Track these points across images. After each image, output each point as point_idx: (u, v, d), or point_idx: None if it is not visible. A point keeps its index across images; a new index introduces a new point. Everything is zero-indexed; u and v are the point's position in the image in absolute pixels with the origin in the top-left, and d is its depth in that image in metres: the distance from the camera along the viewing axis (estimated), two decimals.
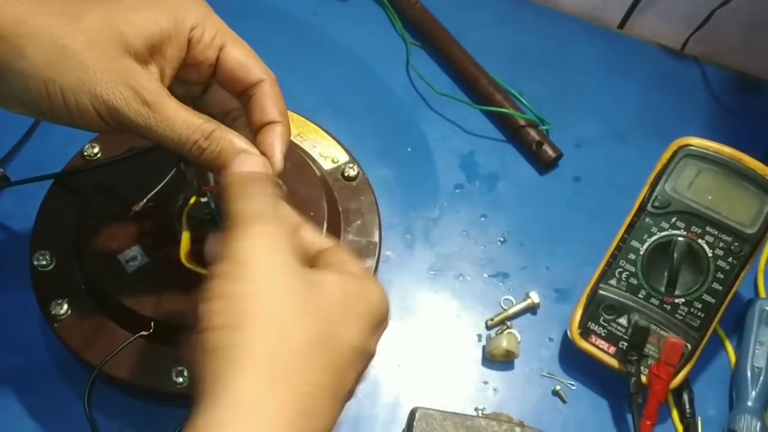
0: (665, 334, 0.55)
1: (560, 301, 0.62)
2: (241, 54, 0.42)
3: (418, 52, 0.75)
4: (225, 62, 0.41)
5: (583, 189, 0.68)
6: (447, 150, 0.69)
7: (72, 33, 0.36)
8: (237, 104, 0.44)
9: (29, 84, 0.36)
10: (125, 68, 0.37)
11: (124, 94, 0.37)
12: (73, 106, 0.37)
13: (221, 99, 0.44)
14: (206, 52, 0.41)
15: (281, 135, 0.42)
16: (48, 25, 0.36)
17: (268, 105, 0.42)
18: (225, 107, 0.44)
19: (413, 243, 0.64)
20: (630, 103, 0.74)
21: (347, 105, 0.71)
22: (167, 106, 0.38)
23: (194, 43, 0.40)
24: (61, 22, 0.36)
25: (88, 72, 0.36)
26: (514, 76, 0.73)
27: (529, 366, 0.59)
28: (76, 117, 0.37)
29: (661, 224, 0.57)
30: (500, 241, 0.65)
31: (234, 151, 0.40)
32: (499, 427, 0.52)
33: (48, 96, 0.37)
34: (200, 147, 0.39)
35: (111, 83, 0.37)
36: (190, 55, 0.41)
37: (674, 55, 0.78)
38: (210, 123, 0.39)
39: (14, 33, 0.36)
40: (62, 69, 0.36)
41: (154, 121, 0.38)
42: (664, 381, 0.54)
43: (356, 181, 0.58)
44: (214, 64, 0.41)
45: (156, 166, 0.49)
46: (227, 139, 0.40)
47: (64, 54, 0.36)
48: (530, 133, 0.69)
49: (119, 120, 0.37)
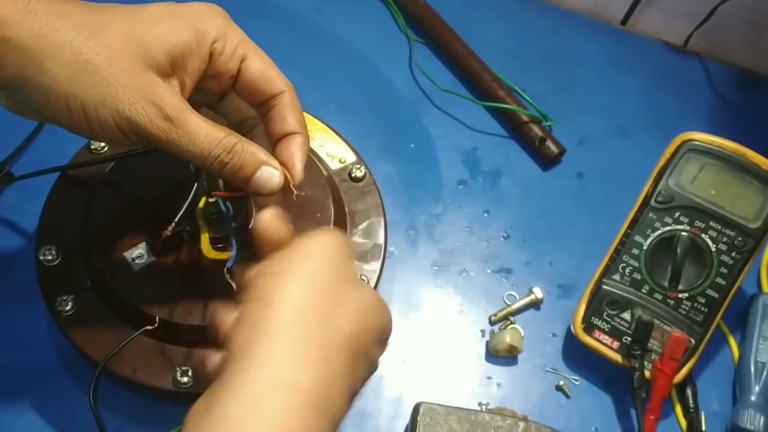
0: (669, 329, 0.55)
1: (563, 296, 0.62)
2: (262, 65, 0.42)
3: (421, 48, 0.75)
4: (246, 74, 0.42)
5: (586, 185, 0.68)
6: (450, 146, 0.69)
7: (94, 48, 0.36)
8: (253, 112, 0.44)
9: (50, 98, 0.36)
10: (147, 83, 0.37)
11: (146, 110, 0.37)
12: (95, 121, 0.37)
13: (238, 107, 0.44)
14: (228, 64, 0.41)
15: (301, 146, 0.43)
16: (69, 39, 0.36)
17: (288, 116, 0.43)
18: (242, 115, 0.45)
19: (417, 239, 0.64)
20: (633, 99, 0.74)
21: (350, 102, 0.71)
22: (189, 120, 0.38)
23: (216, 56, 0.40)
24: (82, 36, 0.36)
25: (110, 88, 0.36)
26: (517, 73, 0.73)
27: (532, 361, 0.59)
28: (98, 131, 0.38)
29: (664, 219, 0.57)
30: (503, 237, 0.65)
31: (255, 163, 0.40)
32: (503, 422, 0.52)
33: (69, 110, 0.37)
34: (222, 162, 0.39)
35: (133, 99, 0.36)
36: (212, 67, 0.41)
37: (677, 52, 0.78)
38: (231, 136, 0.40)
39: (34, 47, 0.35)
40: (84, 85, 0.36)
41: (176, 136, 0.38)
42: (668, 376, 0.54)
43: (363, 182, 0.58)
44: (235, 75, 0.42)
45: (162, 162, 0.49)
46: (249, 152, 0.40)
47: (86, 69, 0.36)
48: (533, 130, 0.69)
49: (141, 135, 0.37)
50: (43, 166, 0.57)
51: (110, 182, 0.53)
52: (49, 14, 0.36)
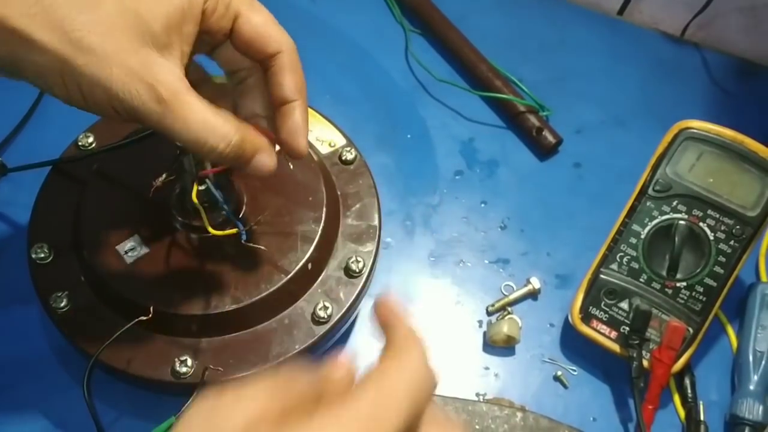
0: (667, 318, 0.55)
1: (561, 286, 0.62)
2: (258, 23, 0.40)
3: (417, 39, 0.74)
4: (239, 32, 0.40)
5: (584, 175, 0.68)
6: (447, 136, 0.69)
7: (87, 24, 0.35)
8: (247, 63, 0.42)
9: (46, 75, 0.35)
10: (142, 62, 0.36)
11: (139, 92, 0.36)
12: (90, 99, 0.36)
13: (230, 58, 0.43)
14: (220, 22, 0.39)
15: (300, 116, 0.41)
16: (60, 17, 0.34)
17: (285, 80, 0.41)
18: (234, 66, 0.43)
19: (413, 229, 0.64)
20: (630, 89, 0.74)
21: (346, 92, 0.70)
22: (185, 104, 0.37)
23: (208, 15, 0.38)
24: (75, 11, 0.35)
25: (104, 69, 0.35)
26: (513, 63, 0.73)
27: (530, 352, 0.59)
28: (94, 108, 0.37)
29: (662, 208, 0.56)
30: (501, 228, 0.64)
31: (253, 151, 0.40)
32: (500, 412, 0.52)
33: (66, 88, 0.36)
34: (218, 152, 0.38)
35: (127, 79, 0.35)
36: (204, 27, 0.39)
37: (674, 41, 0.78)
38: (230, 126, 0.38)
39: (26, 26, 0.34)
40: (78, 63, 0.35)
41: (170, 121, 0.37)
42: (666, 365, 0.54)
43: (354, 164, 0.57)
44: (228, 33, 0.40)
45: (151, 153, 0.49)
46: (248, 141, 0.39)
47: (79, 47, 0.35)
48: (530, 119, 0.68)
49: (136, 117, 0.36)
50: (33, 156, 0.56)
51: (100, 175, 0.53)
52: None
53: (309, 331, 0.49)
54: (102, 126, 0.56)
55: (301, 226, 0.51)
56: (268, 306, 0.48)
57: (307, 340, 0.48)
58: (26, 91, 0.66)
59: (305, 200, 0.52)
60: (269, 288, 0.48)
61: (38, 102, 0.66)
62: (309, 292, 0.50)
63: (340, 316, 0.49)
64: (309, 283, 0.50)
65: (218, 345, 0.48)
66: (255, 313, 0.48)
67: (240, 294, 0.47)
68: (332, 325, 0.49)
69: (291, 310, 0.49)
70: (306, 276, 0.50)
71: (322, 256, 0.51)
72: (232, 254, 0.49)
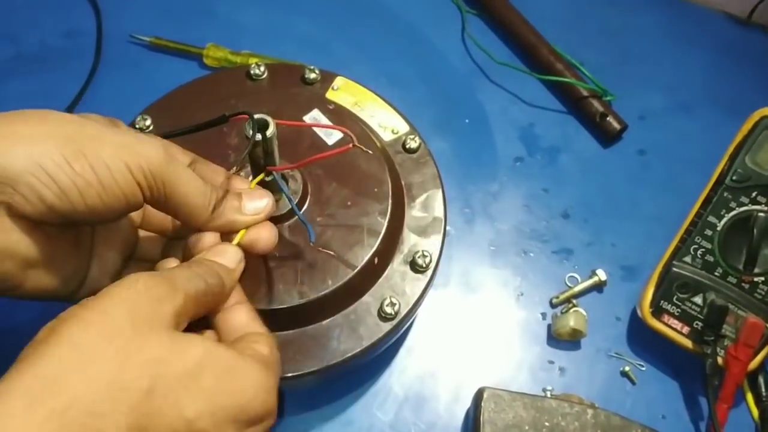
0: (744, 314, 0.53)
1: (627, 278, 0.60)
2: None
3: (474, 20, 0.72)
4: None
5: (649, 163, 0.65)
6: (506, 122, 0.67)
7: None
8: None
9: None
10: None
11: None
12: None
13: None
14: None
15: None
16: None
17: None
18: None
19: (473, 218, 0.62)
20: (695, 73, 0.71)
21: (401, 75, 0.68)
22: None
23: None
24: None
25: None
26: (573, 45, 0.70)
27: (595, 345, 0.57)
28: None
29: (740, 199, 0.54)
30: (563, 216, 0.62)
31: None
32: (570, 409, 0.50)
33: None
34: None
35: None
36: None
37: (741, 24, 0.75)
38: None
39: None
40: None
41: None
42: (743, 363, 0.52)
43: (418, 152, 0.55)
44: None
45: (215, 141, 0.47)
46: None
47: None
48: (594, 105, 0.66)
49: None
50: None
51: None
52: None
53: (375, 327, 0.47)
54: (158, 108, 0.54)
55: (367, 218, 0.48)
56: (334, 301, 0.46)
57: (374, 336, 0.46)
58: (76, 72, 0.65)
59: (370, 191, 0.50)
60: (336, 283, 0.46)
61: (89, 83, 0.65)
62: (375, 287, 0.48)
63: (407, 312, 0.47)
64: (375, 278, 0.48)
65: (283, 340, 0.46)
66: (321, 309, 0.46)
67: (306, 289, 0.46)
68: (399, 321, 0.47)
69: (357, 306, 0.47)
70: (372, 270, 0.48)
71: (388, 250, 0.49)
72: (298, 247, 0.47)
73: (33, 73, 0.66)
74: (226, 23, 0.70)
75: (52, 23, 0.69)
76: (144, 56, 0.67)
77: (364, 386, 0.55)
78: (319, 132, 0.52)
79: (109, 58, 0.67)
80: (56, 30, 0.68)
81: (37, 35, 0.68)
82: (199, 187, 0.37)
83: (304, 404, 0.54)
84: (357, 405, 0.54)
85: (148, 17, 0.69)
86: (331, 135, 0.52)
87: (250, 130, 0.39)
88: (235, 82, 0.55)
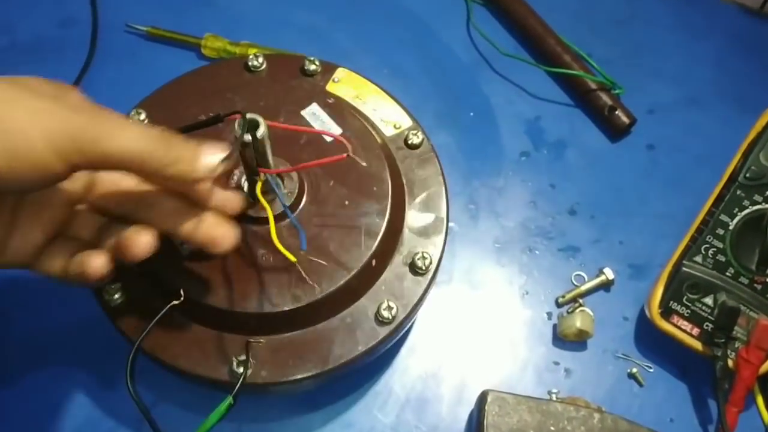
0: (755, 316, 0.51)
1: (635, 277, 0.58)
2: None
3: (480, 10, 0.70)
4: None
5: (658, 158, 0.64)
6: (512, 115, 0.65)
7: None
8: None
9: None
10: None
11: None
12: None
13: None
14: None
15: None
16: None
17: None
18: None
19: (477, 214, 0.60)
20: (706, 66, 0.69)
21: (404, 66, 0.66)
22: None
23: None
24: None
25: None
26: (581, 37, 0.68)
27: (602, 346, 0.56)
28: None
29: (753, 197, 0.52)
30: (570, 213, 0.61)
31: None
32: (576, 413, 0.49)
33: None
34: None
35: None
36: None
37: (753, 15, 0.73)
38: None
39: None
40: None
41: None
42: (754, 366, 0.51)
43: (420, 149, 0.53)
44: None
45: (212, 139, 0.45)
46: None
47: None
48: (602, 98, 0.64)
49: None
50: None
51: None
52: None
53: (372, 331, 0.45)
54: (153, 102, 0.52)
55: (365, 218, 0.47)
56: (330, 304, 0.45)
57: (370, 341, 0.45)
58: (72, 62, 0.63)
59: (369, 190, 0.48)
60: (331, 286, 0.44)
61: (84, 72, 0.63)
62: (372, 289, 0.46)
63: (405, 316, 0.46)
64: (372, 281, 0.47)
65: (277, 343, 0.45)
66: (316, 312, 0.45)
67: (300, 292, 0.44)
68: (396, 325, 0.46)
69: (353, 309, 0.46)
70: (369, 273, 0.46)
71: (387, 251, 0.47)
72: (294, 249, 0.45)
73: (27, 63, 0.64)
74: (225, 13, 0.68)
75: (47, 12, 0.67)
76: (141, 46, 0.66)
77: (365, 387, 0.53)
78: (316, 127, 0.50)
79: (105, 47, 0.65)
80: (51, 19, 0.67)
81: (32, 24, 0.66)
82: (140, 131, 0.35)
83: (304, 405, 0.52)
84: (357, 406, 0.53)
85: (145, 6, 0.67)
86: (330, 130, 0.50)
87: (239, 131, 0.37)
88: (233, 75, 0.53)
